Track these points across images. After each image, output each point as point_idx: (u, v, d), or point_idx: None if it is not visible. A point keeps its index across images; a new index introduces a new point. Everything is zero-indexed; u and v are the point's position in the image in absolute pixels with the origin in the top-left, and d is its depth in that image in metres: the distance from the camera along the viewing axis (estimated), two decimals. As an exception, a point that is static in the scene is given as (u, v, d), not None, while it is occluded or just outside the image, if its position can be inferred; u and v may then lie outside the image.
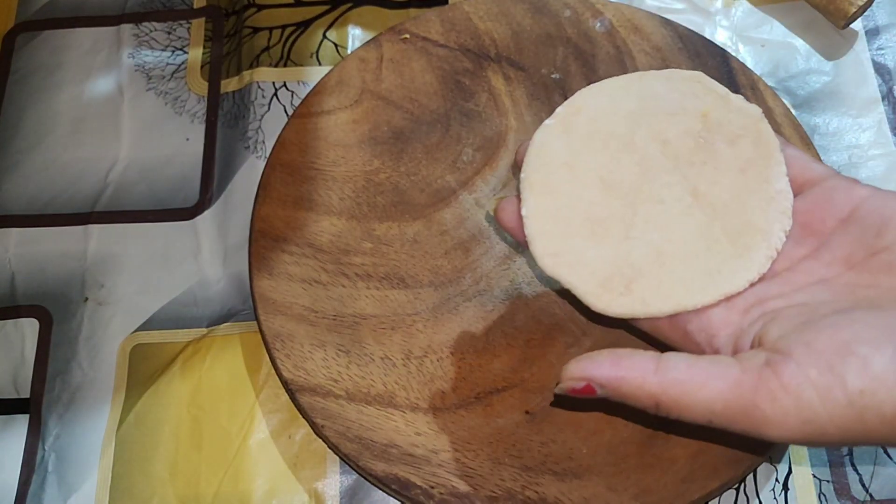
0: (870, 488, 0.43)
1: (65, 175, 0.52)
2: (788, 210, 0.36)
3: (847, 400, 0.29)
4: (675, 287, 0.36)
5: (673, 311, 0.35)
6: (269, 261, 0.46)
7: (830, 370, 0.29)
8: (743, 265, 0.35)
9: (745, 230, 0.36)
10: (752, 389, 0.30)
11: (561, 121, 0.40)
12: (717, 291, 0.35)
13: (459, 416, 0.43)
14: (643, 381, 0.32)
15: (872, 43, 0.54)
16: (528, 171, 0.39)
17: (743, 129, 0.38)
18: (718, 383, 0.31)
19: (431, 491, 0.40)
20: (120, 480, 0.44)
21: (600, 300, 0.36)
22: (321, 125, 0.50)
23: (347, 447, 0.42)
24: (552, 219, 0.38)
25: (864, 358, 0.29)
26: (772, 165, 0.37)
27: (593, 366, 0.33)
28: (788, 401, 0.29)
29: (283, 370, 0.43)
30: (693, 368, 0.31)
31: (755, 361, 0.31)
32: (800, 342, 0.30)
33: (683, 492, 0.40)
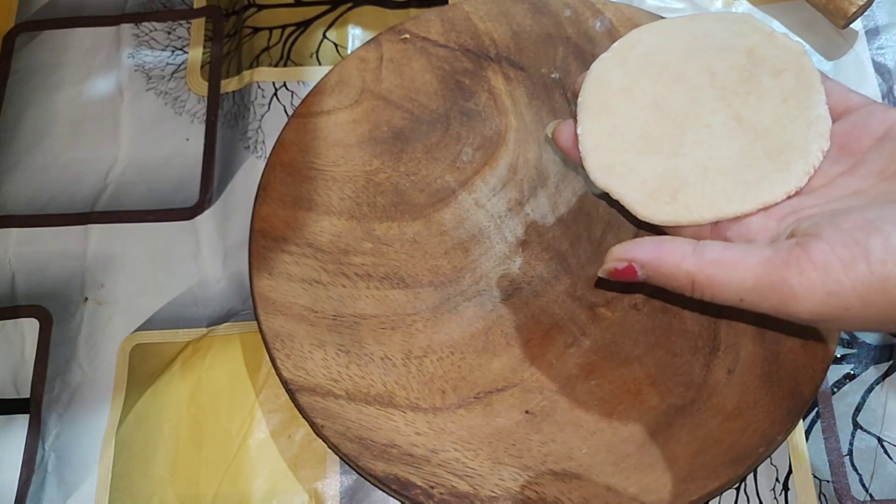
0: (870, 488, 0.43)
1: (65, 175, 0.52)
2: (826, 133, 0.38)
3: (870, 270, 0.30)
4: (718, 197, 0.38)
5: (715, 218, 0.37)
6: (269, 261, 0.46)
7: (856, 243, 0.30)
8: (781, 178, 0.37)
9: (784, 149, 0.38)
10: (782, 265, 0.32)
11: (617, 53, 0.42)
12: (756, 200, 0.37)
13: (459, 416, 0.43)
14: (681, 261, 0.34)
15: (872, 43, 0.54)
16: (585, 95, 0.42)
17: (786, 63, 0.40)
18: (751, 260, 0.32)
19: (431, 491, 0.40)
20: (120, 480, 0.44)
21: (647, 209, 0.39)
22: (321, 125, 0.50)
23: (347, 447, 0.42)
24: (605, 136, 0.41)
25: (888, 233, 0.30)
26: (812, 95, 0.39)
27: (636, 248, 0.35)
28: (815, 274, 0.31)
29: (283, 370, 0.43)
30: (728, 250, 0.33)
31: (786, 243, 0.32)
32: (829, 224, 0.32)
33: (683, 491, 0.40)
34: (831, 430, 0.44)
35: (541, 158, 0.49)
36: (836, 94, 0.39)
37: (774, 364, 0.43)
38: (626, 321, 0.45)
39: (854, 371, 0.45)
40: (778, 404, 0.42)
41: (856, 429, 0.44)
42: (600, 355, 0.44)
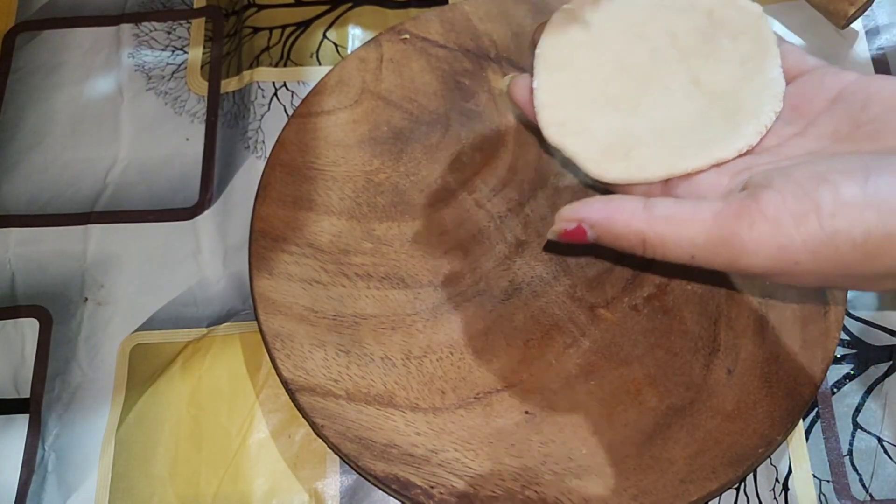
0: (870, 488, 0.43)
1: (64, 175, 0.52)
2: (780, 94, 0.38)
3: (819, 224, 0.30)
4: (669, 155, 0.37)
5: (667, 175, 0.37)
6: (269, 261, 0.46)
7: (806, 195, 0.30)
8: (733, 137, 0.37)
9: (738, 110, 0.38)
10: (733, 217, 0.31)
11: (579, 6, 0.42)
12: (708, 157, 0.37)
13: (459, 416, 0.43)
14: (631, 219, 0.33)
15: (873, 43, 0.54)
16: (544, 47, 0.41)
17: (745, 26, 0.40)
18: (702, 214, 0.32)
19: (431, 491, 0.41)
20: (120, 480, 0.44)
21: (599, 166, 0.38)
22: (321, 125, 0.50)
23: (347, 447, 0.42)
24: (561, 91, 0.40)
25: (837, 184, 0.30)
26: (768, 58, 0.39)
27: (585, 207, 0.34)
28: (766, 226, 0.30)
29: (283, 370, 0.43)
30: (679, 205, 0.33)
31: (738, 196, 0.32)
32: (780, 174, 0.31)
33: (682, 492, 0.40)
34: (831, 430, 0.44)
35: (541, 159, 0.49)
36: (791, 56, 0.39)
37: (774, 364, 0.43)
38: (626, 322, 0.45)
39: (854, 371, 0.45)
40: (778, 405, 0.42)
41: (856, 429, 0.44)
42: (600, 356, 0.44)
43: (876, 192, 0.29)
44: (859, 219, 0.29)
